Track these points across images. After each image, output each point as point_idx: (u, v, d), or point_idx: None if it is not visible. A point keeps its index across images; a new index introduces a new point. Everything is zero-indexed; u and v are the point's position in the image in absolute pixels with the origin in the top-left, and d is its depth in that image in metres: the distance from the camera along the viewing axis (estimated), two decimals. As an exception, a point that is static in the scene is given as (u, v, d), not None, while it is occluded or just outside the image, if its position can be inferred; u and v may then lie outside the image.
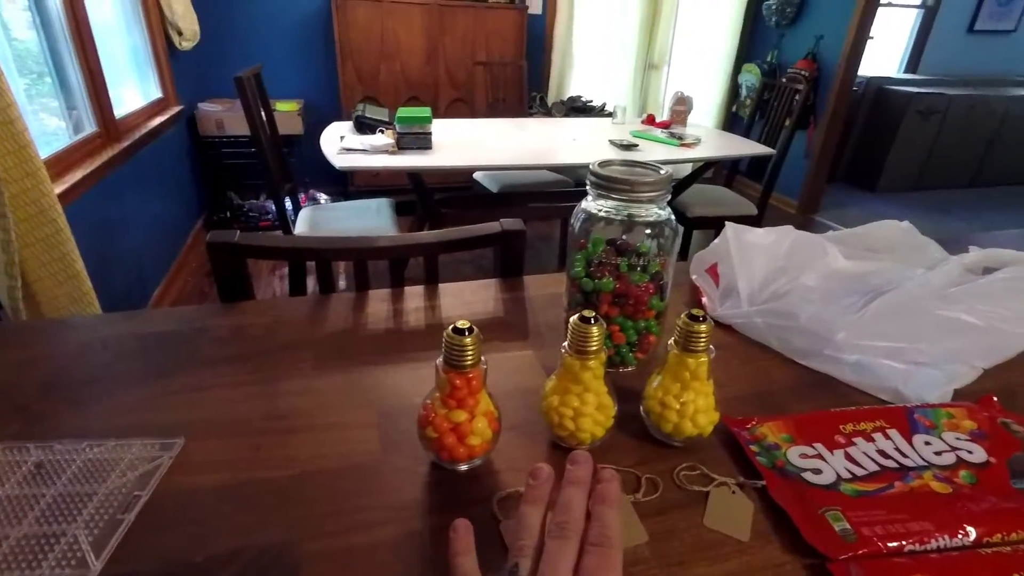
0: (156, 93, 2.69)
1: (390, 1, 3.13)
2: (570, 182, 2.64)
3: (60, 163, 1.69)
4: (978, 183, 4.47)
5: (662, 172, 0.55)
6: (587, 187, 0.55)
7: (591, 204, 0.56)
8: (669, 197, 0.55)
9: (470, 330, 0.41)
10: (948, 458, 0.45)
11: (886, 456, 0.45)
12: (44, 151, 1.63)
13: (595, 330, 0.43)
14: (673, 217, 0.56)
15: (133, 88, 2.52)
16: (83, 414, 0.50)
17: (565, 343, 0.45)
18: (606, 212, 0.55)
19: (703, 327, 0.44)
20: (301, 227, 2.02)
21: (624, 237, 0.56)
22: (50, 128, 1.81)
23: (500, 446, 0.47)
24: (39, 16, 1.76)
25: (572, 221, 0.58)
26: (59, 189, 1.52)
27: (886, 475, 0.43)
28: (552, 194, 2.51)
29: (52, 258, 1.34)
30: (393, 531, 0.40)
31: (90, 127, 1.98)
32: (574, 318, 0.44)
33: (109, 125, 2.06)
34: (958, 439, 0.47)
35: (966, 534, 0.38)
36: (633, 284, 0.55)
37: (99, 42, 2.02)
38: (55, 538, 0.38)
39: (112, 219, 1.96)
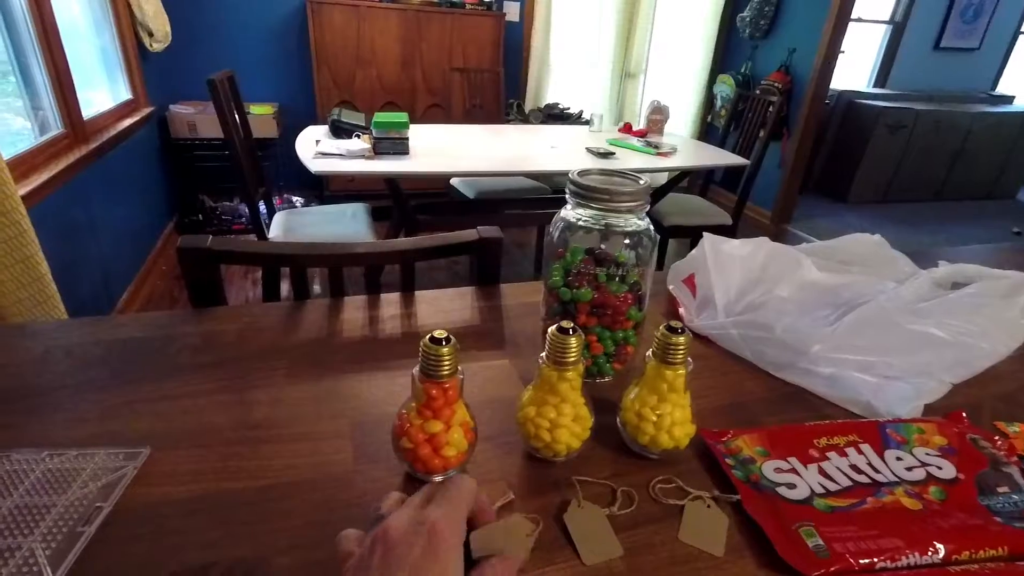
0: (126, 94, 2.63)
1: (366, 6, 3.12)
2: (547, 189, 2.65)
3: (25, 164, 1.63)
4: (943, 196, 4.62)
5: (641, 182, 0.55)
6: (566, 195, 0.55)
7: (570, 213, 0.56)
8: (648, 207, 0.55)
9: (447, 340, 0.41)
10: (918, 474, 0.45)
11: (859, 471, 0.45)
12: (8, 151, 1.57)
13: (573, 341, 0.43)
14: (652, 227, 0.56)
15: (102, 89, 2.45)
16: (44, 423, 0.48)
17: (543, 354, 0.45)
18: (585, 221, 0.55)
19: (681, 339, 0.44)
20: (275, 231, 1.99)
21: (603, 247, 0.56)
22: (15, 128, 1.76)
23: (475, 457, 0.46)
24: (2, 15, 1.70)
25: (550, 230, 0.57)
26: (24, 190, 1.47)
27: (858, 490, 0.43)
28: (529, 201, 2.51)
29: (15, 260, 1.30)
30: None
31: (57, 128, 1.92)
32: (552, 328, 0.44)
33: (76, 126, 2.00)
34: (928, 455, 0.47)
35: (936, 551, 0.38)
36: (611, 294, 0.54)
37: (67, 42, 1.96)
38: (10, 552, 0.37)
39: (79, 221, 1.90)
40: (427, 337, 0.41)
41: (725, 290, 0.67)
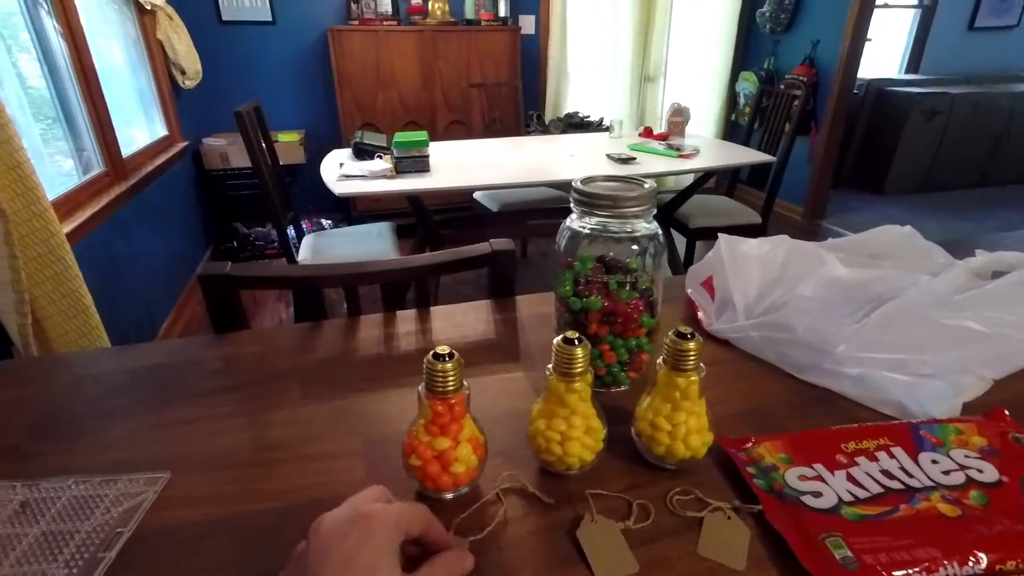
0: (162, 131, 2.75)
1: (384, 30, 3.19)
2: (569, 198, 2.64)
3: (69, 203, 1.72)
4: (987, 182, 4.41)
5: (646, 186, 0.54)
6: (571, 205, 0.54)
7: (575, 222, 0.55)
8: (655, 211, 0.54)
9: (450, 355, 0.41)
10: (957, 477, 0.42)
11: (891, 476, 0.43)
12: (58, 191, 1.67)
13: (579, 351, 0.42)
14: (660, 231, 0.55)
15: (140, 127, 2.58)
16: (72, 451, 0.50)
17: (550, 365, 0.44)
18: (591, 229, 0.54)
19: (691, 345, 0.43)
20: (304, 254, 2.03)
21: (611, 254, 0.55)
22: (65, 169, 1.87)
23: (487, 472, 0.46)
24: (46, 64, 1.81)
25: (557, 240, 0.57)
26: (68, 228, 1.55)
27: (890, 497, 0.41)
28: (552, 210, 2.51)
29: (61, 295, 1.36)
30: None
31: (98, 167, 2.02)
32: (557, 339, 0.43)
33: (116, 164, 2.10)
34: (967, 457, 0.44)
35: (977, 561, 0.35)
36: (622, 302, 0.53)
37: (106, 85, 2.08)
38: (35, 579, 0.38)
39: (120, 254, 1.99)
40: (430, 354, 0.41)
41: (744, 291, 0.65)
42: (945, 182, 4.29)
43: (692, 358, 0.43)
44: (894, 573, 0.35)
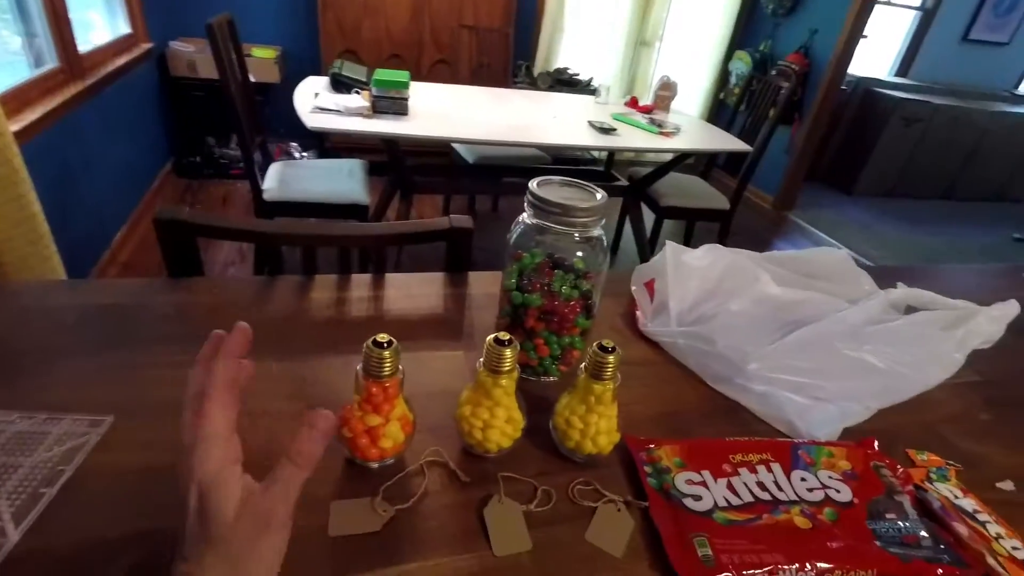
0: (125, 28, 2.57)
1: (379, -49, 3.01)
2: (547, 158, 2.64)
3: (18, 99, 1.62)
4: (951, 196, 4.57)
5: (598, 196, 0.57)
6: (524, 204, 0.57)
7: (528, 218, 0.58)
8: (604, 220, 0.57)
9: (389, 343, 0.44)
10: (817, 495, 0.49)
11: (763, 488, 0.49)
12: (2, 76, 1.55)
13: (508, 352, 0.46)
14: (604, 237, 0.58)
15: (100, 20, 2.40)
16: (18, 386, 0.51)
17: (480, 359, 0.48)
18: (542, 225, 0.57)
19: (611, 358, 0.47)
20: (270, 182, 1.99)
21: (557, 256, 0.58)
22: (12, 48, 1.73)
23: (416, 444, 0.50)
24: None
25: (510, 232, 0.60)
26: (16, 127, 1.47)
27: (758, 507, 0.47)
28: (528, 170, 2.50)
29: (7, 199, 1.31)
30: (301, 521, 0.43)
31: (51, 60, 1.90)
32: (489, 339, 0.47)
33: (72, 60, 1.97)
34: (831, 478, 0.51)
35: (813, 568, 0.42)
36: (561, 302, 0.57)
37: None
38: (-24, 507, 0.40)
39: (73, 160, 1.90)
40: (370, 340, 0.44)
41: (680, 299, 0.70)
42: (912, 190, 4.43)
43: (610, 369, 0.48)
44: (742, 572, 0.41)
